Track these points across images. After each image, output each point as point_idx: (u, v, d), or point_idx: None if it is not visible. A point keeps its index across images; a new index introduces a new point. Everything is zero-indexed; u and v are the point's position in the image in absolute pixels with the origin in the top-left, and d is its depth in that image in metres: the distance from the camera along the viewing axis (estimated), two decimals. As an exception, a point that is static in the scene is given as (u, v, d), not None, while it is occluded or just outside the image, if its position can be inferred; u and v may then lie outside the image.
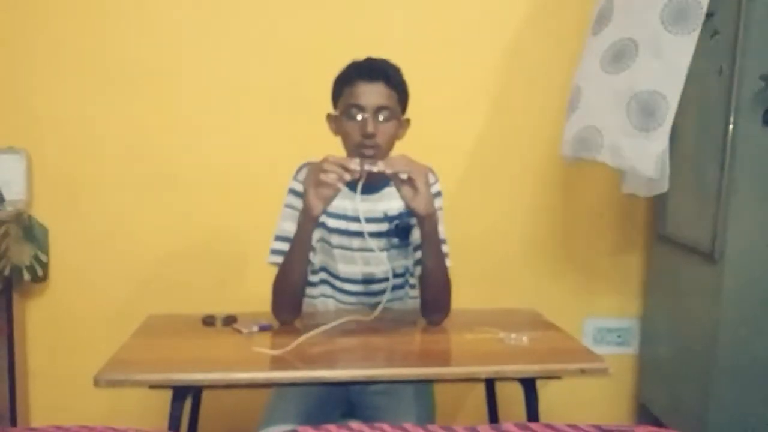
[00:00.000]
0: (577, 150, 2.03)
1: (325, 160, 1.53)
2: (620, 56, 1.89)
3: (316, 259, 1.76)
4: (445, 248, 1.71)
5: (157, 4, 2.30)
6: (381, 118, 1.63)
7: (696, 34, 1.77)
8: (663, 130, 1.81)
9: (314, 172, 1.55)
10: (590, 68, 1.99)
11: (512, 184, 2.46)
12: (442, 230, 1.73)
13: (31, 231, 2.27)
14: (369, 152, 1.60)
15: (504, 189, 2.46)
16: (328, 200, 1.57)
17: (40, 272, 2.30)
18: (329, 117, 1.73)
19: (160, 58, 2.31)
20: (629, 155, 1.87)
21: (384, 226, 1.74)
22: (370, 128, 1.60)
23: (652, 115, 1.81)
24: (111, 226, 2.37)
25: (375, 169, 1.53)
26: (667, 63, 1.79)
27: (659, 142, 1.82)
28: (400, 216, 1.73)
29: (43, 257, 2.30)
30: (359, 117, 1.62)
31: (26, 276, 2.26)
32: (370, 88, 1.62)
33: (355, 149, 1.63)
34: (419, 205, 1.56)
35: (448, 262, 1.71)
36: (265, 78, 2.34)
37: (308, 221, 1.60)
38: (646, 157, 1.84)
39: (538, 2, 2.39)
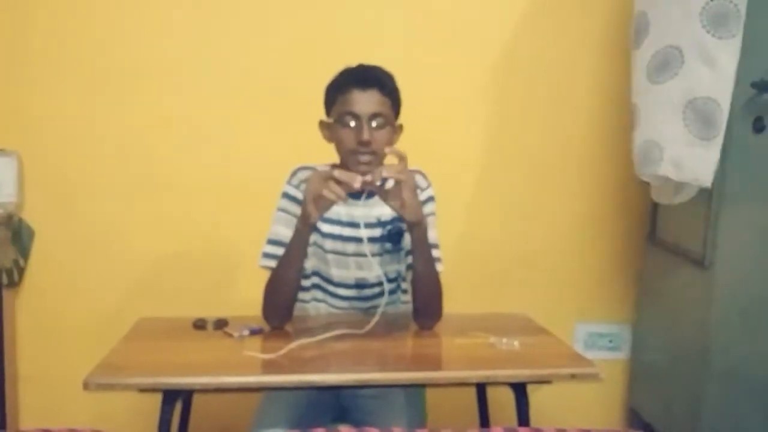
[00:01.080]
0: (641, 166, 1.98)
1: (330, 176, 1.52)
2: (665, 64, 1.84)
3: (308, 263, 1.76)
4: (437, 253, 1.71)
5: (151, 8, 2.30)
6: (375, 125, 1.63)
7: (739, 39, 1.74)
8: (719, 139, 1.78)
9: (316, 182, 1.54)
10: (639, 83, 1.96)
11: (504, 189, 2.47)
12: (435, 235, 1.73)
13: (18, 234, 2.26)
14: (364, 158, 1.61)
15: (496, 193, 2.47)
16: (326, 210, 1.58)
17: (16, 277, 2.28)
18: (322, 124, 1.73)
19: (153, 62, 2.31)
20: (689, 165, 1.82)
21: (377, 232, 1.74)
22: (365, 136, 1.59)
23: (711, 123, 1.78)
24: (102, 228, 2.36)
25: (371, 178, 1.53)
26: (716, 68, 1.76)
27: (716, 150, 1.79)
28: (393, 221, 1.73)
29: (21, 262, 2.28)
30: (353, 124, 1.62)
31: (4, 280, 2.24)
32: (363, 95, 1.62)
33: (349, 156, 1.63)
34: (408, 214, 1.57)
35: (440, 267, 1.71)
36: (257, 82, 2.33)
37: (305, 227, 1.60)
38: (706, 166, 1.80)
39: (537, 2, 2.40)
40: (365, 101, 1.62)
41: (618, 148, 2.41)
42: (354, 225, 1.73)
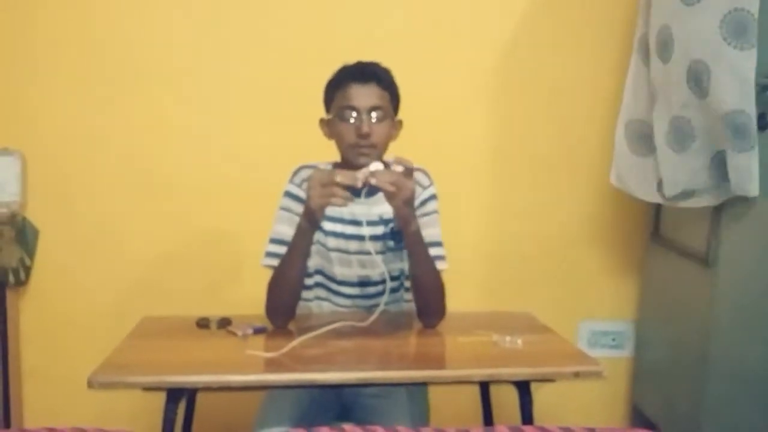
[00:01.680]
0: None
1: (332, 182, 1.51)
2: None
3: (311, 262, 1.75)
4: (440, 251, 1.71)
5: (152, 8, 2.30)
6: (375, 118, 1.63)
7: (755, 49, 1.73)
8: (756, 147, 1.76)
9: (318, 189, 1.53)
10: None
11: (507, 187, 2.46)
12: (437, 233, 1.73)
13: (22, 233, 2.26)
14: (365, 151, 1.61)
15: (499, 191, 2.46)
16: (326, 208, 1.58)
17: (23, 276, 2.28)
18: (322, 121, 1.73)
19: (154, 62, 2.31)
20: (736, 178, 1.80)
21: (380, 229, 1.74)
22: (365, 128, 1.61)
23: (746, 134, 1.76)
24: (105, 227, 2.36)
25: (369, 171, 1.52)
26: (741, 79, 1.74)
27: (756, 159, 1.77)
28: (395, 219, 1.73)
29: (27, 261, 2.29)
30: (353, 118, 1.63)
31: (11, 279, 2.24)
32: (362, 89, 1.64)
33: (350, 150, 1.64)
34: (398, 221, 1.58)
35: (443, 265, 1.71)
36: (258, 81, 2.33)
37: (310, 227, 1.61)
38: (751, 177, 1.78)
39: (537, 2, 2.39)
40: (364, 95, 1.64)
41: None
42: (356, 223, 1.73)
